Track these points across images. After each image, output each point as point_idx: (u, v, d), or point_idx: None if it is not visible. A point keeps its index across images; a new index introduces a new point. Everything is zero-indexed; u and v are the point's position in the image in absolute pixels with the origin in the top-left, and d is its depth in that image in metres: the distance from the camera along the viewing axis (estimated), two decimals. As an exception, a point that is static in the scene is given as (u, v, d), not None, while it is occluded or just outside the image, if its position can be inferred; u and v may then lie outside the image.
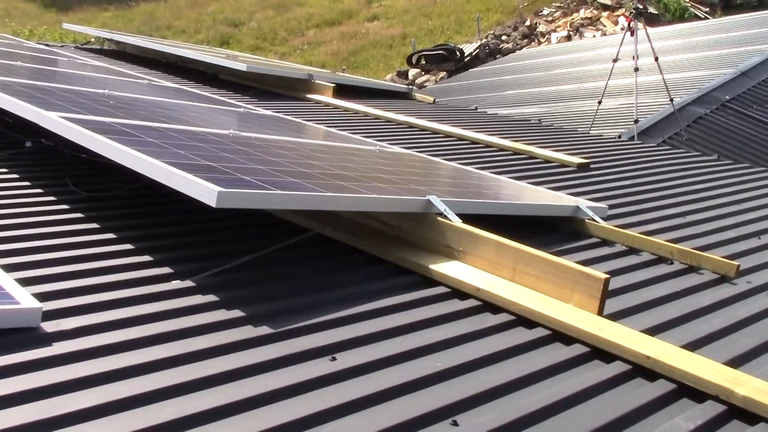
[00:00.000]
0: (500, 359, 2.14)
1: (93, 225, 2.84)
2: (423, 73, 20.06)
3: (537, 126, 6.97)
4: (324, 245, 2.90)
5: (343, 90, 7.36)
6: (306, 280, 2.53)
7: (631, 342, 2.21)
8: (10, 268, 2.29)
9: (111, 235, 2.74)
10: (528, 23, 22.26)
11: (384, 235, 2.95)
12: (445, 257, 2.77)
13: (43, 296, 2.12)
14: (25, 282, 2.20)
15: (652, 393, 2.01)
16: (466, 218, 2.88)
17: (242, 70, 7.27)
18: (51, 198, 3.14)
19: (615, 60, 9.55)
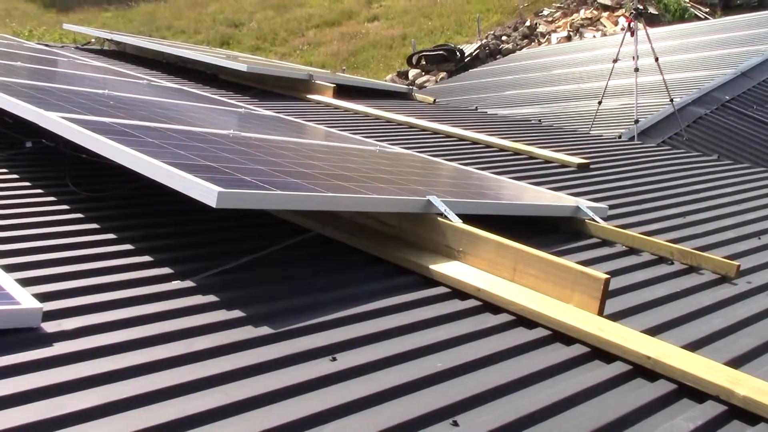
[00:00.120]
0: (500, 359, 2.14)
1: (93, 225, 2.84)
2: (423, 74, 20.06)
3: (537, 126, 6.97)
4: (324, 245, 2.90)
5: (344, 90, 7.36)
6: (306, 280, 2.53)
7: (632, 342, 2.21)
8: (11, 269, 2.29)
9: (111, 236, 2.74)
10: (528, 24, 22.26)
11: (384, 236, 2.95)
12: (446, 257, 2.77)
13: (44, 296, 2.12)
14: (26, 282, 2.20)
15: (653, 393, 2.01)
16: (467, 218, 2.88)
17: (242, 71, 7.27)
18: (51, 198, 3.14)
19: (615, 60, 9.55)
